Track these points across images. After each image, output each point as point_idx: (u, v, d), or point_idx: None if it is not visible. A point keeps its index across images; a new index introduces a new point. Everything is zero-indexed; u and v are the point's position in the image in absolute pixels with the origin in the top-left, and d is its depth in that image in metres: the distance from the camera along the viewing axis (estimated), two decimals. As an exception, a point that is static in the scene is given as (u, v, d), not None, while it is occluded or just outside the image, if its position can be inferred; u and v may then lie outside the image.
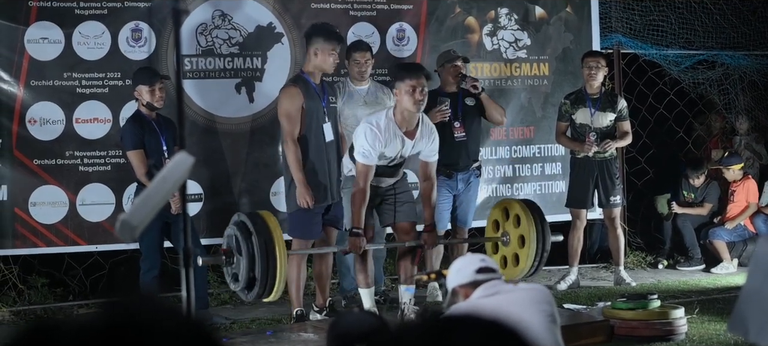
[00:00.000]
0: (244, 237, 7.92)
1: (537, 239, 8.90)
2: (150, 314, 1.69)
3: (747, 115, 13.47)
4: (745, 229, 12.12)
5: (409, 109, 8.14)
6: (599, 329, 8.36)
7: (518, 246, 9.06)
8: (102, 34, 9.83)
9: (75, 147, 9.76)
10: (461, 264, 4.87)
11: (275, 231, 7.93)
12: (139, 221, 3.49)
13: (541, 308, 4.67)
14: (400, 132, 8.21)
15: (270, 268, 7.83)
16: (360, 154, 8.16)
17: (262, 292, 7.92)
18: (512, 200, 9.37)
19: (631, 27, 12.43)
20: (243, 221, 8.00)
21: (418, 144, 8.35)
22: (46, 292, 10.25)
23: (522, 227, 8.96)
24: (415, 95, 8.06)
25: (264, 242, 7.83)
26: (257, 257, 7.83)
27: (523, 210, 8.99)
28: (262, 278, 7.84)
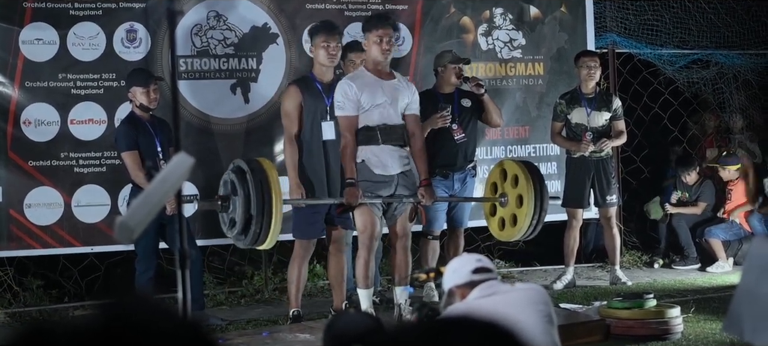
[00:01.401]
0: (239, 179, 7.94)
1: (535, 198, 8.90)
2: (145, 316, 1.69)
3: (741, 114, 13.48)
4: (741, 228, 12.13)
5: (377, 58, 8.35)
6: (595, 329, 8.36)
7: (516, 206, 9.05)
8: (97, 35, 9.83)
9: (70, 148, 9.75)
10: (457, 264, 4.87)
11: (270, 171, 7.97)
12: (138, 222, 3.49)
13: (538, 308, 4.67)
14: (374, 77, 8.34)
15: (266, 204, 7.85)
16: (338, 109, 8.35)
17: (259, 231, 7.91)
18: (510, 160, 9.38)
19: (626, 26, 12.43)
20: (239, 166, 8.03)
21: (400, 88, 8.46)
22: (41, 293, 10.23)
23: (520, 187, 8.96)
24: (383, 45, 8.30)
25: (259, 181, 7.87)
26: (253, 194, 7.84)
27: (521, 170, 8.99)
28: (258, 217, 7.85)
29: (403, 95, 8.50)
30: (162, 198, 3.60)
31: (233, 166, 8.16)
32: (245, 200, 7.90)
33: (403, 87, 8.58)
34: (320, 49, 8.78)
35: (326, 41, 8.76)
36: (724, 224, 12.15)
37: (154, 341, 1.67)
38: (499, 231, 9.37)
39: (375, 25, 8.37)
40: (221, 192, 8.22)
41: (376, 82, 8.36)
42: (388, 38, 8.31)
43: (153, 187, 3.59)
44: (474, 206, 10.69)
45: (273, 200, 7.87)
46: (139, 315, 1.69)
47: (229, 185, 8.11)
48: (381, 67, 8.41)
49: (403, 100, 8.49)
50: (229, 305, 10.33)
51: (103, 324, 1.68)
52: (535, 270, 11.96)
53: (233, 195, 8.03)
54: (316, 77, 8.85)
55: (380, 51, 8.31)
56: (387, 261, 10.77)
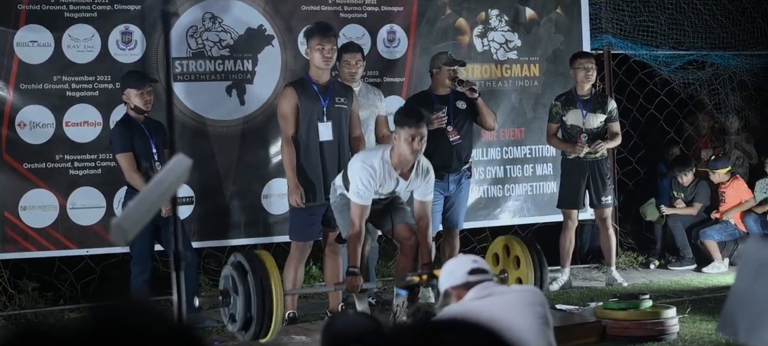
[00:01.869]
0: (240, 277, 7.89)
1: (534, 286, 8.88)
2: (138, 318, 1.68)
3: (737, 115, 13.49)
4: (736, 228, 12.14)
5: (406, 156, 8.07)
6: (591, 330, 8.37)
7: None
8: (92, 37, 9.82)
9: (65, 150, 9.74)
10: (453, 266, 4.86)
11: (272, 271, 7.89)
12: (133, 224, 3.48)
13: (534, 309, 4.66)
14: (396, 173, 8.16)
15: (266, 306, 7.79)
16: (355, 195, 8.11)
17: (259, 331, 7.88)
18: (514, 239, 9.26)
19: (622, 28, 12.44)
20: (239, 261, 7.98)
21: (413, 183, 8.31)
22: (36, 296, 10.21)
23: (520, 271, 8.92)
24: (414, 144, 7.97)
25: (260, 281, 7.80)
26: (253, 296, 7.79)
27: (523, 253, 8.90)
28: (259, 318, 7.80)
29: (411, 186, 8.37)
30: (158, 200, 3.59)
31: (234, 260, 8.09)
32: (245, 300, 7.86)
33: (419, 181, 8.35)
34: (315, 51, 8.77)
35: (321, 44, 8.75)
36: (719, 225, 12.16)
37: (146, 343, 1.66)
38: None
39: (408, 122, 8.02)
40: (222, 286, 8.18)
41: (395, 180, 8.22)
42: (420, 138, 8.00)
43: (149, 188, 3.58)
44: (470, 208, 10.70)
45: (274, 301, 7.82)
46: (131, 317, 1.69)
47: (229, 281, 8.06)
48: (405, 161, 8.16)
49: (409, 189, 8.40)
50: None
51: (95, 326, 1.67)
52: (531, 271, 11.96)
53: (234, 292, 7.99)
54: (312, 79, 8.85)
55: (410, 151, 8.01)
56: (383, 263, 10.78)
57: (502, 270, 9.11)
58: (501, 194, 11.48)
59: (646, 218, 12.69)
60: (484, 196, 11.34)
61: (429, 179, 8.37)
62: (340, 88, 9.07)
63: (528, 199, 11.61)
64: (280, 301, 7.86)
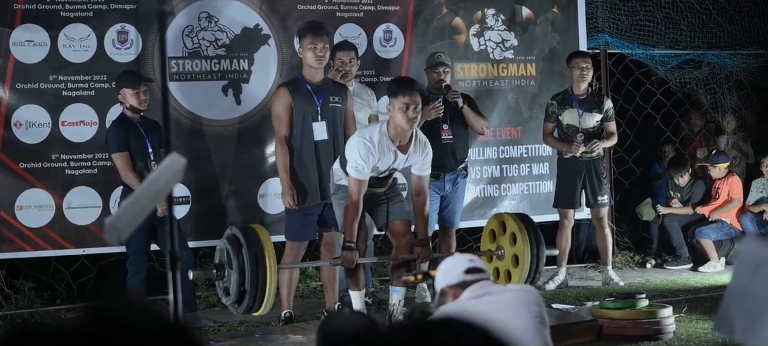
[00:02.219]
0: (234, 250, 7.90)
1: (531, 262, 8.90)
2: (134, 318, 1.68)
3: (734, 115, 13.50)
4: (732, 227, 12.15)
5: (402, 126, 8.09)
6: (588, 329, 8.36)
7: (512, 265, 9.06)
8: (88, 37, 9.81)
9: (61, 150, 9.73)
10: (450, 265, 4.85)
11: (266, 243, 7.91)
12: (128, 223, 3.47)
13: (530, 309, 4.66)
14: (393, 146, 8.18)
15: (260, 280, 7.81)
16: (353, 169, 8.12)
17: (252, 304, 7.90)
18: (509, 215, 9.30)
19: (618, 27, 12.44)
20: (234, 235, 8.00)
21: (411, 158, 8.32)
22: (33, 296, 10.21)
23: (517, 247, 8.93)
24: (409, 112, 8.01)
25: (254, 255, 7.82)
26: (247, 269, 7.81)
27: (519, 229, 8.92)
28: (252, 291, 7.82)
29: (409, 160, 8.39)
30: (153, 199, 3.58)
31: (229, 233, 8.10)
32: (239, 274, 7.88)
33: (417, 155, 8.40)
34: (307, 50, 8.76)
35: (313, 43, 8.73)
36: (715, 224, 12.16)
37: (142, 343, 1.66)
38: (494, 279, 9.35)
39: (401, 90, 8.08)
40: (216, 259, 8.21)
41: (393, 153, 8.23)
42: (415, 105, 8.05)
43: (144, 187, 3.57)
44: (466, 207, 10.70)
45: (268, 274, 7.84)
46: (127, 317, 1.68)
47: (224, 255, 8.07)
48: (402, 133, 8.19)
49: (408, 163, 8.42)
50: (222, 306, 10.29)
51: (91, 326, 1.67)
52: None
53: (228, 266, 7.99)
54: (305, 79, 8.83)
55: (406, 119, 8.05)
56: (379, 262, 10.78)
57: (498, 247, 9.13)
58: (497, 194, 11.49)
59: (643, 218, 12.70)
60: (480, 195, 11.34)
61: (427, 154, 8.42)
62: (334, 87, 9.05)
63: (524, 198, 11.61)
64: (274, 274, 7.89)
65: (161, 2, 5.17)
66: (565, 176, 10.80)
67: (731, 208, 12.19)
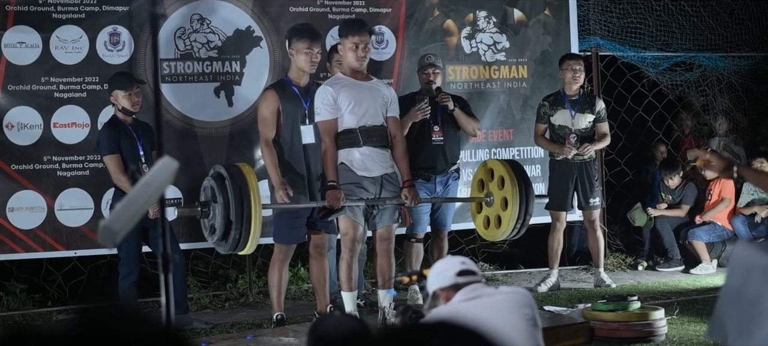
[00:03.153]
0: (219, 185, 7.92)
1: (520, 202, 8.92)
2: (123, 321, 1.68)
3: (725, 117, 13.52)
4: (724, 229, 12.17)
5: (353, 65, 8.38)
6: (579, 331, 8.36)
7: (501, 208, 9.07)
8: (80, 39, 9.81)
9: (53, 152, 9.72)
10: (442, 267, 4.85)
11: (249, 176, 7.95)
12: (121, 226, 3.46)
13: (523, 311, 4.65)
14: (352, 79, 8.38)
15: (245, 211, 7.83)
16: (318, 116, 8.35)
17: (238, 237, 7.89)
18: (497, 161, 9.38)
19: (609, 29, 12.46)
20: (219, 172, 8.02)
21: (381, 91, 8.46)
22: (24, 298, 10.20)
23: (505, 190, 8.97)
24: (358, 52, 8.33)
25: (238, 188, 7.86)
26: (232, 201, 7.82)
27: (507, 172, 8.98)
28: (237, 223, 7.83)
29: (382, 95, 8.50)
30: (146, 202, 3.58)
31: (213, 172, 8.15)
32: (224, 206, 7.89)
33: (382, 87, 8.62)
34: (303, 54, 8.70)
35: (310, 48, 8.70)
36: (707, 226, 12.18)
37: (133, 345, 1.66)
38: (484, 229, 9.38)
39: (350, 31, 8.37)
40: (202, 198, 8.21)
41: (353, 83, 8.37)
42: (364, 45, 8.33)
43: (137, 190, 3.57)
44: (458, 209, 10.71)
45: (252, 205, 7.86)
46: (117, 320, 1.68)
47: (208, 191, 8.09)
48: (355, 70, 8.43)
49: (382, 100, 8.48)
50: (214, 308, 10.31)
51: (81, 329, 1.67)
52: (520, 273, 11.99)
53: (213, 202, 8.01)
54: (292, 81, 8.80)
55: (355, 58, 8.33)
56: (371, 264, 10.78)
57: (487, 193, 9.16)
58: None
59: (634, 224, 12.71)
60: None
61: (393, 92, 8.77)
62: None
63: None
64: (259, 204, 7.92)
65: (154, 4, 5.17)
66: (556, 178, 10.81)
67: (723, 208, 12.21)
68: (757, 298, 4.28)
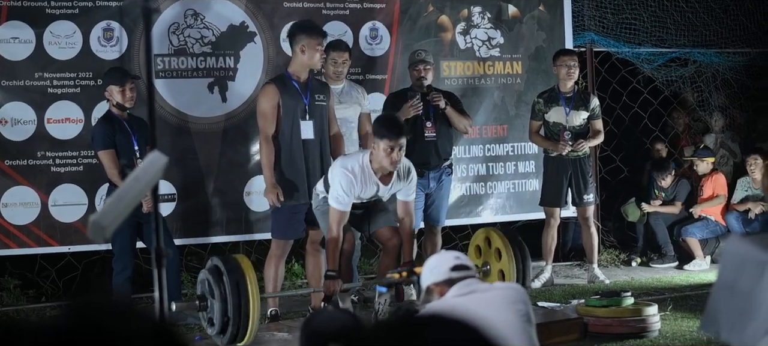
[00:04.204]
0: (216, 280, 7.88)
1: (517, 278, 8.90)
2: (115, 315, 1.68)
3: (721, 113, 13.53)
4: (718, 225, 12.18)
5: (385, 166, 8.11)
6: (573, 327, 8.38)
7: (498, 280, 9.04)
8: (73, 34, 9.79)
9: (47, 147, 9.71)
10: (436, 262, 4.85)
11: (248, 271, 7.87)
12: (111, 221, 3.46)
13: (516, 307, 4.65)
14: (375, 177, 8.19)
15: (242, 306, 7.76)
16: (334, 200, 8.12)
17: (236, 332, 7.86)
18: (494, 231, 9.30)
19: (604, 25, 12.46)
20: (215, 265, 7.97)
21: (394, 186, 8.33)
22: (18, 293, 10.19)
23: (502, 263, 8.93)
24: (393, 156, 8.00)
25: (236, 283, 7.78)
26: (229, 297, 7.77)
27: (504, 246, 8.91)
28: (235, 318, 7.78)
29: (393, 189, 8.39)
30: (135, 197, 3.58)
31: (210, 264, 8.08)
32: (222, 303, 7.84)
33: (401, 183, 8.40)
34: (315, 51, 8.69)
35: (321, 44, 8.73)
36: (700, 222, 12.19)
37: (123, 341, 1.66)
38: None
39: (388, 134, 8.02)
40: (199, 291, 8.17)
41: (376, 184, 8.24)
42: (399, 149, 8.03)
43: (126, 186, 3.56)
44: (452, 205, 10.70)
45: (250, 302, 7.79)
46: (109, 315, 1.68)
47: (205, 285, 8.05)
48: (384, 170, 8.19)
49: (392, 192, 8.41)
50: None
51: (74, 324, 1.66)
52: (514, 269, 11.97)
53: (210, 296, 7.98)
54: (292, 76, 8.79)
55: (390, 162, 8.04)
56: (365, 260, 10.77)
57: (484, 263, 9.13)
58: (483, 192, 11.49)
59: (628, 218, 12.71)
60: (466, 193, 11.34)
61: (411, 179, 8.40)
62: (318, 85, 9.04)
63: (510, 196, 11.61)
64: (257, 302, 7.84)
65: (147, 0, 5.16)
66: (551, 174, 10.81)
67: (717, 204, 12.22)
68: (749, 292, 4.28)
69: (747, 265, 4.33)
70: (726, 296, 4.38)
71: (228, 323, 7.84)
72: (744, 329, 4.28)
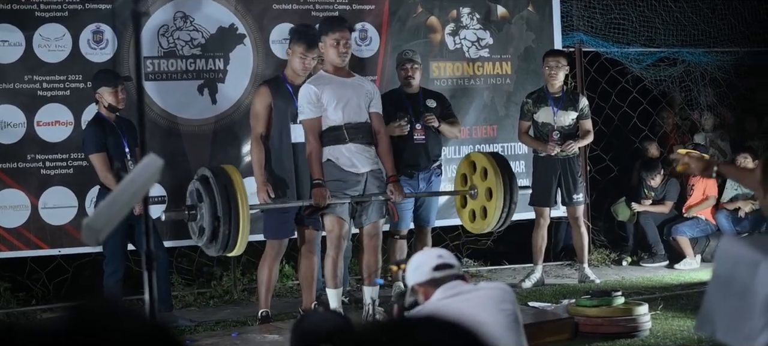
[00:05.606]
0: (204, 187, 7.91)
1: (504, 191, 8.92)
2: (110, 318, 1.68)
3: (711, 112, 13.55)
4: (708, 224, 12.20)
5: (335, 61, 8.36)
6: (564, 327, 8.39)
7: (486, 199, 9.07)
8: (63, 37, 9.79)
9: (36, 150, 9.71)
10: (419, 261, 4.82)
11: (234, 175, 7.94)
12: (104, 224, 3.46)
13: (502, 307, 4.64)
14: (334, 76, 8.38)
15: (232, 209, 7.81)
16: (302, 114, 8.35)
17: (228, 233, 7.87)
18: (479, 153, 9.38)
19: (593, 25, 12.48)
20: (204, 174, 8.01)
21: (365, 86, 8.54)
22: (8, 296, 10.19)
23: (489, 180, 8.97)
24: (340, 48, 8.31)
25: (224, 186, 7.84)
26: (218, 199, 7.81)
27: (489, 163, 8.99)
28: (225, 220, 7.81)
29: (365, 91, 8.52)
30: (130, 200, 3.58)
31: (198, 175, 8.13)
32: (211, 205, 7.87)
33: (364, 83, 8.65)
34: (297, 57, 8.75)
35: (305, 53, 8.74)
36: (691, 221, 12.21)
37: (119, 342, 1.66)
38: (471, 223, 9.38)
39: (331, 28, 8.38)
40: (188, 202, 8.19)
41: (336, 80, 8.38)
42: (345, 41, 8.33)
43: (121, 188, 3.56)
44: (441, 205, 10.71)
45: (239, 201, 7.83)
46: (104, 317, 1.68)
47: (194, 195, 8.08)
48: (340, 68, 8.43)
49: (365, 96, 8.49)
50: (198, 306, 10.30)
51: (69, 326, 1.67)
52: (504, 269, 11.99)
53: (199, 202, 8.00)
54: (287, 79, 8.82)
55: (337, 54, 8.33)
56: (356, 261, 10.77)
57: (471, 186, 9.17)
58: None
59: (618, 218, 12.73)
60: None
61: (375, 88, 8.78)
62: None
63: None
64: (245, 201, 7.90)
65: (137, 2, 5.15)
66: (540, 174, 10.82)
67: (707, 205, 12.25)
68: (744, 292, 4.30)
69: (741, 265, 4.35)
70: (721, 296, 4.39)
71: (218, 226, 7.86)
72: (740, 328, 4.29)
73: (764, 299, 4.22)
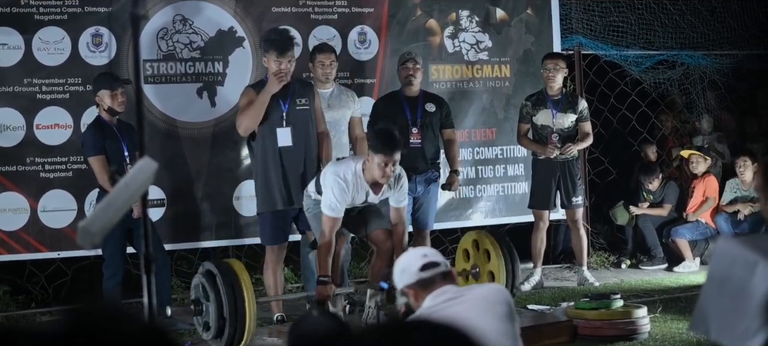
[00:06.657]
0: (210, 283, 7.90)
1: (507, 279, 8.90)
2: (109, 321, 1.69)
3: (709, 115, 13.55)
4: (707, 227, 12.20)
5: (377, 179, 8.15)
6: (563, 329, 8.39)
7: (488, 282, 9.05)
8: (62, 40, 9.78)
9: (36, 153, 9.70)
10: (404, 263, 4.76)
11: (241, 274, 7.90)
12: (100, 227, 3.46)
13: (496, 308, 4.60)
14: (367, 186, 8.23)
15: (238, 307, 7.79)
16: (327, 207, 8.16)
17: (233, 332, 7.87)
18: (482, 234, 9.32)
19: (592, 28, 12.48)
20: (208, 269, 7.99)
21: (385, 193, 8.37)
22: (8, 299, 10.18)
23: (492, 264, 8.92)
24: (386, 170, 8.05)
25: (230, 284, 7.81)
26: (224, 298, 7.79)
27: (493, 246, 8.92)
28: (232, 319, 7.80)
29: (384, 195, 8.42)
30: (125, 203, 3.58)
31: (203, 269, 8.11)
32: (217, 305, 7.87)
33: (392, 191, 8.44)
34: (272, 63, 8.75)
35: (279, 59, 8.72)
36: (690, 224, 12.20)
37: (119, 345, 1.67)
38: None
39: (383, 149, 8.04)
40: (193, 296, 8.19)
41: (366, 192, 8.27)
42: (392, 164, 8.07)
43: (116, 192, 3.57)
44: (441, 209, 10.71)
45: (246, 303, 7.83)
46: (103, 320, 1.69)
47: (200, 289, 8.07)
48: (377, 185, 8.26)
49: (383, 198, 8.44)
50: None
51: (65, 329, 1.67)
52: (503, 272, 11.98)
53: (205, 300, 7.99)
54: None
55: (382, 175, 8.08)
56: (355, 264, 10.78)
57: (473, 265, 9.14)
58: (472, 195, 11.50)
59: (617, 221, 12.73)
60: (455, 196, 11.32)
61: (402, 186, 8.44)
62: (301, 87, 9.05)
63: (499, 199, 11.62)
64: (252, 302, 7.86)
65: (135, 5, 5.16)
66: (539, 177, 10.83)
67: (707, 208, 12.24)
68: (739, 291, 4.29)
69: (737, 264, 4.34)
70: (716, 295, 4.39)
71: (224, 325, 7.86)
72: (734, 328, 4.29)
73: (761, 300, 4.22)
